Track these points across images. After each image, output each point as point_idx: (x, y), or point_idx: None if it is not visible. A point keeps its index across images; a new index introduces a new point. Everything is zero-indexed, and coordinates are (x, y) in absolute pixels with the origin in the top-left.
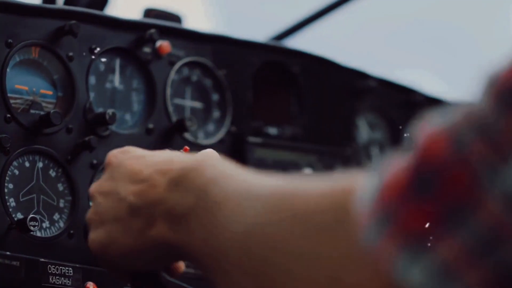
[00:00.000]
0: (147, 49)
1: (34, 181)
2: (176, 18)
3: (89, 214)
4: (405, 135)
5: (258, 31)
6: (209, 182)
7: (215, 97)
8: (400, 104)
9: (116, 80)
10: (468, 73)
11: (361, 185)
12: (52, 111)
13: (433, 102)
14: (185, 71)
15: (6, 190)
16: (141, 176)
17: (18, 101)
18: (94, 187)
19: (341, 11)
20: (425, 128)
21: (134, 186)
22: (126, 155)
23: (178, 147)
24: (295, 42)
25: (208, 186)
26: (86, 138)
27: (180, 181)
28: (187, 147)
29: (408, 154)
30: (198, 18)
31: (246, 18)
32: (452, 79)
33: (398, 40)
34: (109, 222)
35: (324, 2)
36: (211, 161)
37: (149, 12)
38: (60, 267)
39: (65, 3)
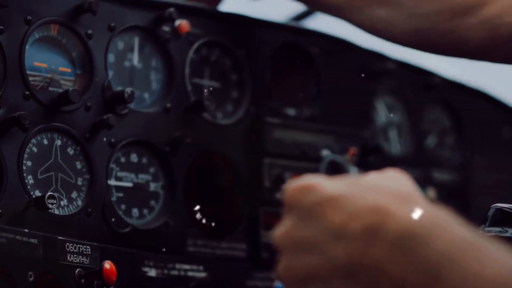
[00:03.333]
0: (166, 28)
1: (52, 159)
2: None
3: (283, 268)
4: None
5: (277, 11)
6: (443, 258)
7: (234, 77)
8: (418, 87)
9: (135, 58)
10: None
11: None
12: (70, 89)
13: (450, 85)
14: (204, 50)
15: (24, 168)
16: (348, 231)
17: (36, 78)
18: (283, 236)
19: None
20: None
21: (342, 244)
22: (312, 196)
23: (196, 127)
24: (314, 23)
25: (442, 263)
26: (105, 116)
27: (403, 245)
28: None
29: None
30: None
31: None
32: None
33: None
34: (314, 283)
35: None
36: (436, 222)
37: None
38: (78, 245)
39: None
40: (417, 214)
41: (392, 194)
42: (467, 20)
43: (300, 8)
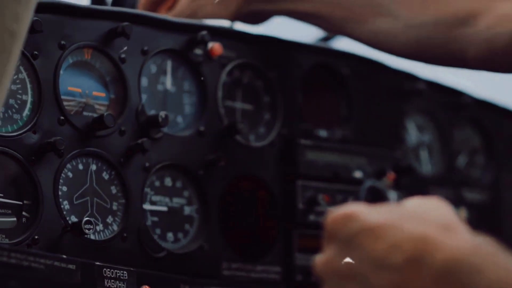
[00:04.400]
0: (198, 51)
1: (88, 184)
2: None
3: None
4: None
5: (306, 32)
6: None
7: (266, 99)
8: (448, 106)
9: (168, 82)
10: None
11: None
12: (105, 114)
13: (480, 104)
14: (236, 73)
15: (60, 193)
16: (391, 261)
17: (71, 103)
18: (324, 264)
19: None
20: None
21: (385, 274)
22: (354, 225)
23: (229, 150)
24: (343, 44)
25: None
26: (139, 141)
27: (449, 275)
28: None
29: None
30: None
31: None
32: (500, 81)
33: None
34: None
35: None
36: (483, 251)
37: None
38: (115, 271)
39: (113, 4)
40: (462, 243)
41: (434, 223)
42: (463, 31)
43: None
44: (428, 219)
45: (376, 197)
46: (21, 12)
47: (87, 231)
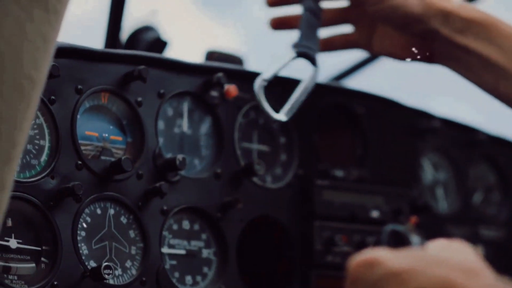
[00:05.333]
0: (214, 93)
1: (106, 228)
2: (238, 60)
3: None
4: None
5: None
6: None
7: (282, 139)
8: (462, 144)
9: (185, 124)
10: None
11: None
12: (123, 158)
13: (494, 141)
14: (252, 114)
15: (78, 238)
16: None
17: (88, 147)
18: None
19: None
20: None
21: None
22: (377, 271)
23: (246, 192)
24: (356, 82)
25: None
26: (157, 184)
27: None
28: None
29: None
30: (253, 58)
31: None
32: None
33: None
34: None
35: None
36: None
37: (211, 55)
38: None
39: (126, 47)
40: (486, 287)
41: (458, 267)
42: None
43: (338, 67)
44: (452, 263)
45: (398, 241)
46: (40, 58)
47: (106, 276)
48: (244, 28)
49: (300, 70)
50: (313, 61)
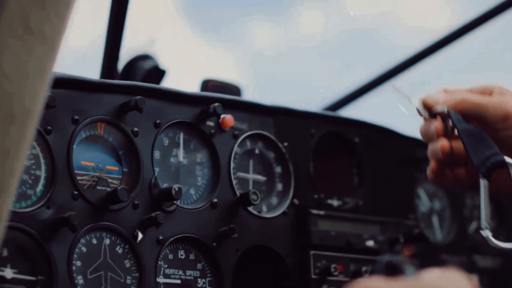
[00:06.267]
0: (210, 123)
1: (102, 258)
2: (235, 89)
3: None
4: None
5: (311, 101)
6: None
7: (277, 169)
8: None
9: (180, 154)
10: None
11: None
12: (119, 188)
13: None
14: (248, 143)
15: (74, 268)
16: None
17: (84, 177)
18: None
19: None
20: None
21: None
22: None
23: (242, 221)
24: (352, 112)
25: None
26: (153, 214)
27: None
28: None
29: None
30: (248, 87)
31: (295, 87)
32: None
33: None
34: None
35: (374, 74)
36: None
37: (207, 83)
38: None
39: (122, 76)
40: None
41: None
42: None
43: (334, 97)
44: None
45: (393, 271)
46: (36, 89)
47: None
48: (244, 56)
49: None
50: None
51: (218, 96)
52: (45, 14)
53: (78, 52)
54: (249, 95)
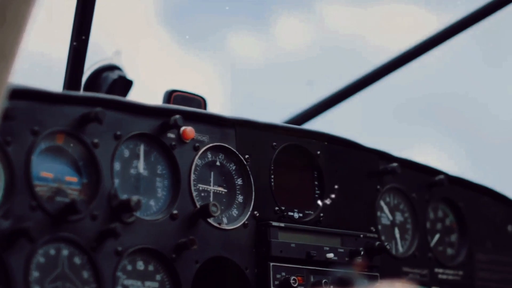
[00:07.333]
0: (171, 135)
1: (59, 269)
2: (200, 100)
3: None
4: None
5: (273, 113)
6: None
7: (239, 181)
8: (421, 185)
9: (141, 166)
10: (492, 153)
11: None
12: (78, 199)
13: (454, 182)
14: (209, 155)
15: (31, 279)
16: None
17: (43, 188)
18: None
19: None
20: None
21: None
22: None
23: (202, 233)
24: (314, 125)
25: None
26: (112, 225)
27: None
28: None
29: None
30: (215, 99)
31: (259, 101)
32: (477, 158)
33: (419, 120)
34: None
35: (339, 86)
36: None
37: (171, 94)
38: None
39: (86, 87)
40: None
41: None
42: None
43: (295, 111)
44: None
45: (345, 285)
46: None
47: None
48: (220, 67)
49: None
50: None
51: (179, 108)
52: None
53: (45, 63)
54: (219, 106)
